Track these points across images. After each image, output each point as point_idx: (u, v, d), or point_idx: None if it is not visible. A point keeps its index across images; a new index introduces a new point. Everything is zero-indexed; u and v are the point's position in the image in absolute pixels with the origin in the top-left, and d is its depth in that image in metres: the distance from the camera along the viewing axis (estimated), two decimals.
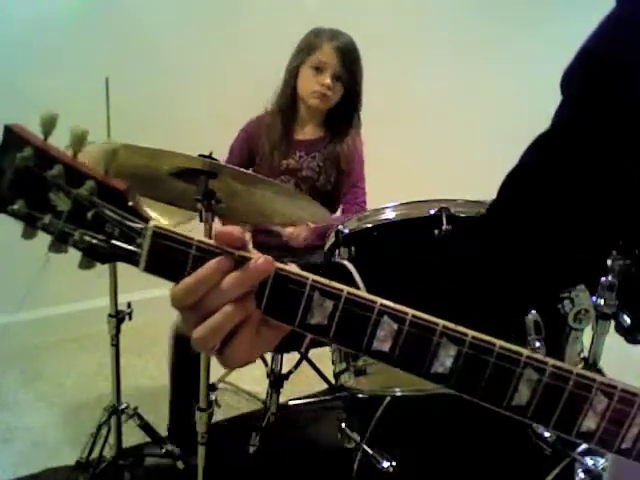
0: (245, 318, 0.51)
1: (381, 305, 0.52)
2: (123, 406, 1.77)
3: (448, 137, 3.33)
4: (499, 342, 0.51)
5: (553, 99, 0.71)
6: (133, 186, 0.52)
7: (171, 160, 1.31)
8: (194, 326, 0.51)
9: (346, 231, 1.31)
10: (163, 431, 1.91)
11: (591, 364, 1.36)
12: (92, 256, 0.53)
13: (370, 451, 1.68)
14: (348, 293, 0.51)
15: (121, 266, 0.52)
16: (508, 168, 0.74)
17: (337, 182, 2.03)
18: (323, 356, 1.94)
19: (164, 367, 1.98)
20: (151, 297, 2.77)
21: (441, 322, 0.51)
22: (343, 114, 1.99)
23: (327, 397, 2.14)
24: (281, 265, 0.52)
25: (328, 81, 1.87)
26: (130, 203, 0.51)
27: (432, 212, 1.22)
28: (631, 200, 0.62)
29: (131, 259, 0.51)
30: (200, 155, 1.30)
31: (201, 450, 1.48)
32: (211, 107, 2.65)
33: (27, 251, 2.72)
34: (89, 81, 1.88)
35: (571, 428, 0.52)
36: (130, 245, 0.51)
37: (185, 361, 1.80)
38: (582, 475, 1.21)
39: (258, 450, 1.80)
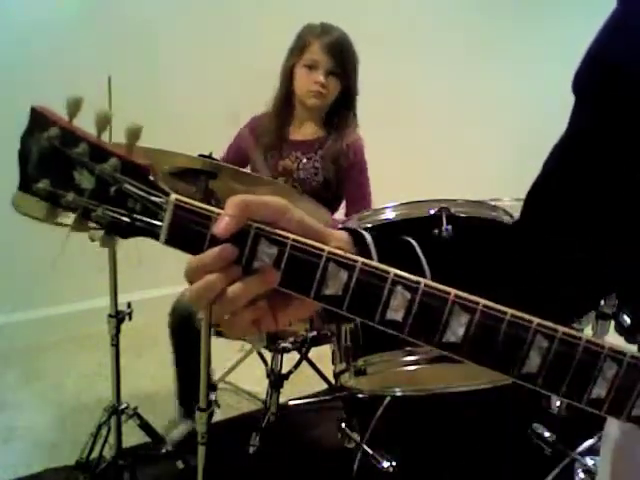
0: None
1: (394, 275, 0.52)
2: (123, 406, 1.77)
3: (448, 137, 3.34)
4: (510, 310, 0.52)
5: (553, 99, 0.71)
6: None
7: (171, 160, 1.31)
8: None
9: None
10: (163, 431, 1.91)
11: None
12: (114, 231, 0.54)
13: (370, 451, 1.68)
14: (362, 263, 0.52)
15: (121, 266, 0.52)
16: (508, 168, 0.74)
17: (336, 182, 2.01)
18: (323, 356, 1.94)
19: (164, 367, 1.98)
20: (151, 297, 2.78)
21: (453, 291, 0.52)
22: (341, 110, 1.98)
23: (327, 397, 2.14)
24: (298, 239, 0.52)
25: (321, 78, 1.86)
26: (152, 178, 0.53)
27: (432, 212, 1.22)
28: None
29: (152, 233, 0.53)
30: (200, 155, 1.30)
31: (201, 450, 1.48)
32: (211, 107, 2.65)
33: (27, 251, 2.72)
34: (89, 81, 1.88)
35: (581, 395, 0.52)
36: (152, 219, 0.52)
37: (186, 341, 1.80)
38: (582, 475, 1.21)
39: (258, 450, 1.80)
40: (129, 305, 1.75)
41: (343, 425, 1.78)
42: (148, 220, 0.52)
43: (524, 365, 0.52)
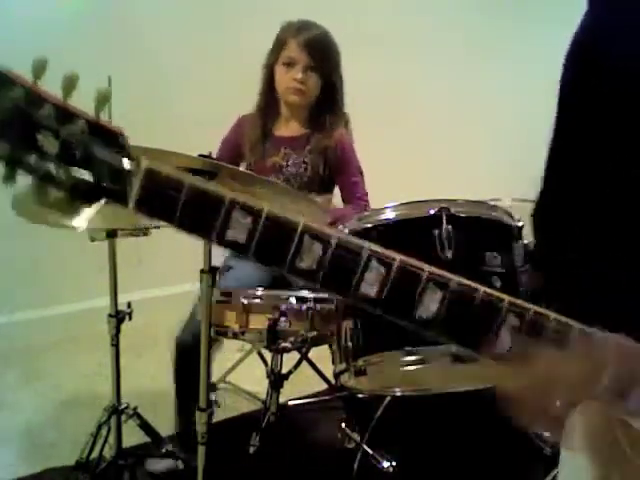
0: None
1: (370, 249, 0.52)
2: (123, 406, 1.77)
3: (448, 137, 3.33)
4: (482, 288, 0.52)
5: (554, 99, 0.71)
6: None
7: (171, 160, 1.31)
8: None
9: (346, 231, 1.31)
10: (163, 431, 1.91)
11: None
12: (78, 196, 0.51)
13: (370, 451, 1.68)
14: (338, 237, 0.52)
15: (121, 266, 0.52)
16: (508, 168, 0.75)
17: (326, 176, 2.00)
18: (323, 356, 1.94)
19: (164, 367, 1.98)
20: (151, 297, 2.78)
21: (427, 267, 0.52)
22: (325, 106, 1.97)
23: (327, 397, 2.14)
24: (272, 210, 0.51)
25: (299, 75, 1.85)
26: (121, 144, 0.51)
27: (432, 212, 1.22)
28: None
29: (120, 198, 0.51)
30: (200, 155, 1.30)
31: (201, 450, 1.48)
32: (211, 107, 2.65)
33: (27, 251, 2.72)
34: (90, 81, 1.88)
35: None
36: (119, 185, 0.50)
37: (188, 370, 1.79)
38: None
39: (258, 450, 1.79)
40: (129, 305, 1.75)
41: (343, 425, 1.78)
42: (116, 187, 0.50)
43: (495, 344, 0.53)
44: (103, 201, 0.51)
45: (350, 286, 0.52)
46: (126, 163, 0.50)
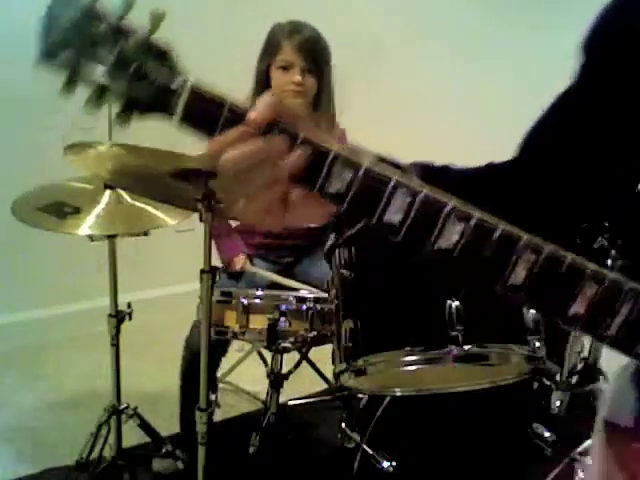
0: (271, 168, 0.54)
1: (397, 179, 0.55)
2: (123, 406, 1.77)
3: (448, 137, 3.33)
4: (503, 224, 0.55)
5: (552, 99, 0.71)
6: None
7: (171, 160, 1.31)
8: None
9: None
10: (163, 431, 1.91)
11: (591, 364, 1.36)
12: (131, 107, 0.55)
13: (370, 451, 1.68)
14: (367, 165, 0.55)
15: (121, 266, 0.52)
16: None
17: None
18: (323, 356, 1.94)
19: (164, 367, 1.98)
20: (151, 297, 2.78)
21: (452, 201, 0.55)
22: (320, 106, 1.97)
23: (327, 397, 2.14)
24: (307, 135, 0.54)
25: (298, 78, 1.85)
26: (171, 61, 0.55)
27: None
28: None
29: (167, 111, 0.55)
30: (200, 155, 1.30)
31: (201, 450, 1.48)
32: None
33: (27, 251, 2.72)
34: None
35: (561, 312, 0.56)
36: (168, 98, 0.54)
37: (196, 372, 1.80)
38: (582, 475, 1.21)
39: (258, 450, 1.80)
40: (129, 305, 1.75)
41: (343, 425, 1.78)
42: (165, 99, 0.54)
43: (510, 278, 0.55)
44: (151, 114, 0.56)
45: (375, 213, 0.55)
46: (174, 79, 0.54)
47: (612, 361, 1.43)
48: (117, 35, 0.54)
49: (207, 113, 0.54)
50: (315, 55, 1.87)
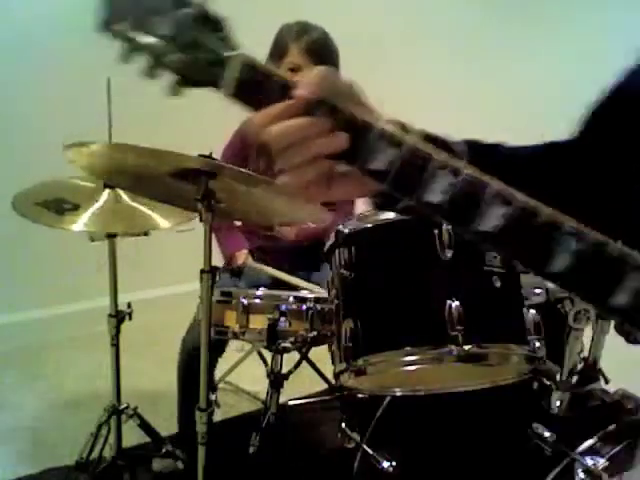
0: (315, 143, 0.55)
1: (439, 159, 0.54)
2: (123, 406, 1.77)
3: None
4: (545, 208, 0.54)
5: (554, 99, 0.71)
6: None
7: (171, 160, 1.31)
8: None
9: (346, 231, 1.31)
10: (163, 431, 1.91)
11: (591, 364, 1.36)
12: (185, 78, 0.56)
13: (370, 451, 1.68)
14: (410, 144, 0.55)
15: (121, 266, 0.52)
16: None
17: None
18: (323, 356, 1.94)
19: (164, 367, 1.98)
20: (151, 297, 2.78)
21: (495, 182, 0.54)
22: None
23: (327, 397, 2.14)
24: (353, 112, 0.55)
25: None
26: (226, 33, 0.56)
27: None
28: None
29: (217, 82, 0.55)
30: (200, 155, 1.30)
31: (201, 450, 1.48)
32: (211, 107, 2.65)
33: (27, 251, 2.72)
34: (90, 81, 1.88)
35: (603, 301, 0.55)
36: (220, 69, 0.55)
37: (194, 371, 1.80)
38: (582, 475, 1.21)
39: (258, 450, 1.80)
40: (129, 305, 1.75)
41: (343, 425, 1.78)
42: (217, 71, 0.55)
43: (551, 264, 0.54)
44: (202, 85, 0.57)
45: (416, 191, 0.55)
46: (227, 51, 0.55)
47: (612, 361, 1.43)
48: (174, 5, 0.54)
49: (256, 86, 0.55)
50: (323, 57, 1.85)
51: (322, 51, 1.86)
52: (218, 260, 1.89)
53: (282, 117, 0.54)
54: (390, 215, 1.26)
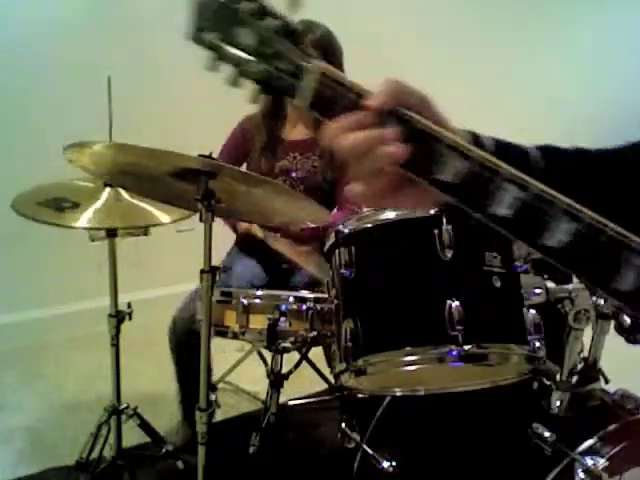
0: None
1: (506, 173, 0.55)
2: (123, 406, 1.77)
3: None
4: (611, 225, 0.54)
5: (554, 99, 0.71)
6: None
7: (171, 160, 1.31)
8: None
9: (346, 231, 1.31)
10: (163, 431, 1.91)
11: (591, 364, 1.36)
12: (266, 87, 0.58)
13: (370, 451, 1.68)
14: (479, 155, 0.55)
15: (121, 266, 0.52)
16: None
17: (334, 180, 2.01)
18: (323, 356, 1.94)
19: (164, 367, 1.98)
20: (151, 297, 2.78)
21: (565, 200, 0.54)
22: None
23: (327, 397, 2.14)
24: (422, 123, 0.56)
25: None
26: (305, 45, 0.58)
27: (432, 212, 1.22)
28: None
29: (294, 92, 0.57)
30: (200, 155, 1.30)
31: (201, 450, 1.48)
32: (211, 107, 2.65)
33: (27, 251, 2.72)
34: (90, 81, 1.88)
35: None
36: (298, 80, 0.57)
37: (187, 354, 1.80)
38: (582, 475, 1.21)
39: (258, 450, 1.80)
40: (129, 305, 1.75)
41: (343, 425, 1.78)
42: (297, 82, 0.57)
43: (616, 281, 0.54)
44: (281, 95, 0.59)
45: (482, 205, 0.56)
46: (306, 62, 0.57)
47: (612, 361, 1.43)
48: (259, 17, 0.56)
49: (332, 96, 0.57)
50: (327, 56, 1.84)
51: (326, 49, 1.86)
52: (218, 260, 1.89)
53: (355, 128, 0.56)
54: (390, 215, 1.26)
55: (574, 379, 1.33)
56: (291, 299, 1.57)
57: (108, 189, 1.61)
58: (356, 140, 0.56)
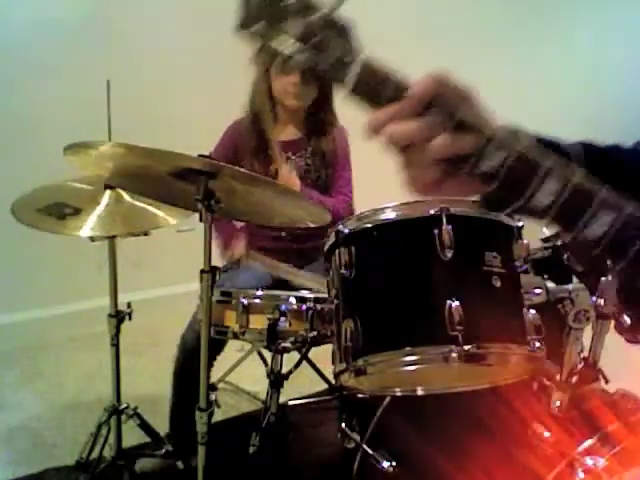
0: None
1: (548, 166, 0.56)
2: (123, 406, 1.77)
3: None
4: None
5: (554, 99, 0.71)
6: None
7: (171, 160, 1.31)
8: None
9: (346, 231, 1.31)
10: (163, 431, 1.91)
11: (591, 364, 1.36)
12: (311, 75, 0.60)
13: (370, 451, 1.68)
14: (520, 149, 0.56)
15: (121, 266, 0.52)
16: None
17: (328, 177, 2.03)
18: (323, 356, 1.94)
19: (164, 367, 1.98)
20: (151, 297, 2.78)
21: (604, 190, 0.55)
22: (320, 107, 1.98)
23: (327, 397, 2.14)
24: (464, 115, 0.57)
25: (297, 80, 1.85)
26: (349, 35, 0.59)
27: (432, 212, 1.22)
28: None
29: (339, 81, 0.59)
30: (200, 155, 1.30)
31: (201, 450, 1.48)
32: (211, 107, 2.65)
33: (27, 251, 2.72)
34: (90, 82, 1.88)
35: None
36: (342, 70, 0.58)
37: (189, 369, 1.79)
38: (582, 475, 1.21)
39: (258, 450, 1.80)
40: (129, 305, 1.75)
41: (343, 425, 1.78)
42: (338, 70, 0.58)
43: None
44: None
45: (524, 195, 0.57)
46: (350, 53, 0.59)
47: (612, 361, 1.43)
48: (305, 9, 0.58)
49: (374, 87, 0.58)
50: None
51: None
52: (218, 260, 1.89)
53: (397, 117, 0.57)
54: (390, 215, 1.26)
55: (574, 379, 1.33)
56: (291, 299, 1.57)
57: (108, 192, 1.61)
58: (399, 132, 0.57)
